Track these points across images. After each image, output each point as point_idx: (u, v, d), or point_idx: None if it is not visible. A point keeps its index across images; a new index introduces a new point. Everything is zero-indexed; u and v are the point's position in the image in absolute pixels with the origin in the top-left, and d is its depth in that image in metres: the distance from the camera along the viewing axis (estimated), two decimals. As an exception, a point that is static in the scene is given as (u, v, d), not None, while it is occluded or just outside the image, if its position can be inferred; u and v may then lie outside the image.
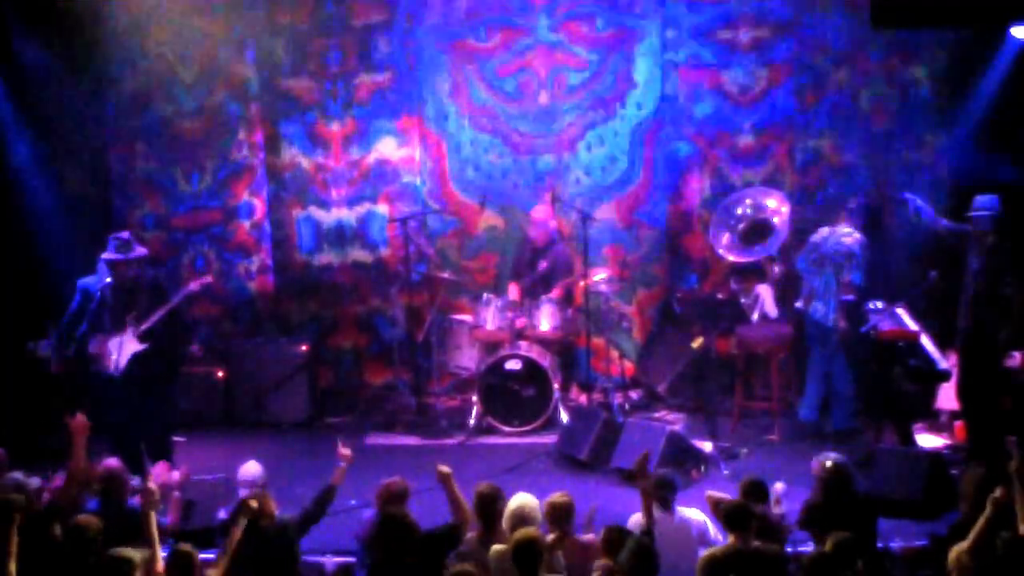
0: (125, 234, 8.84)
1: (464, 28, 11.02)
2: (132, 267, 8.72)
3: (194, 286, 9.03)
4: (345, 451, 7.08)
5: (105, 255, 8.69)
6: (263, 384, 10.70)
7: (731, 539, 6.04)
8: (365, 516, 6.97)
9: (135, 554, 5.75)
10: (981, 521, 5.70)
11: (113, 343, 8.67)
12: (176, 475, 8.17)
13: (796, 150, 10.85)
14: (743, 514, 6.07)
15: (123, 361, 8.66)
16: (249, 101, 11.11)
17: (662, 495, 6.65)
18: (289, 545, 6.53)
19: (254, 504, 6.46)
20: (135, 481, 7.25)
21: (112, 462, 7.10)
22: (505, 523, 6.46)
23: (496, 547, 6.29)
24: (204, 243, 11.31)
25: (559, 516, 6.50)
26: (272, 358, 10.77)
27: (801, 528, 6.78)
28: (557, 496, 6.60)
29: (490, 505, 6.55)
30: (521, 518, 6.38)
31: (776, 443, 9.61)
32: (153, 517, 6.29)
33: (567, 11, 10.95)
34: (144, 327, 8.72)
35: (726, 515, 6.10)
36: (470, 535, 6.59)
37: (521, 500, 6.54)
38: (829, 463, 6.80)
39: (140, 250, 8.86)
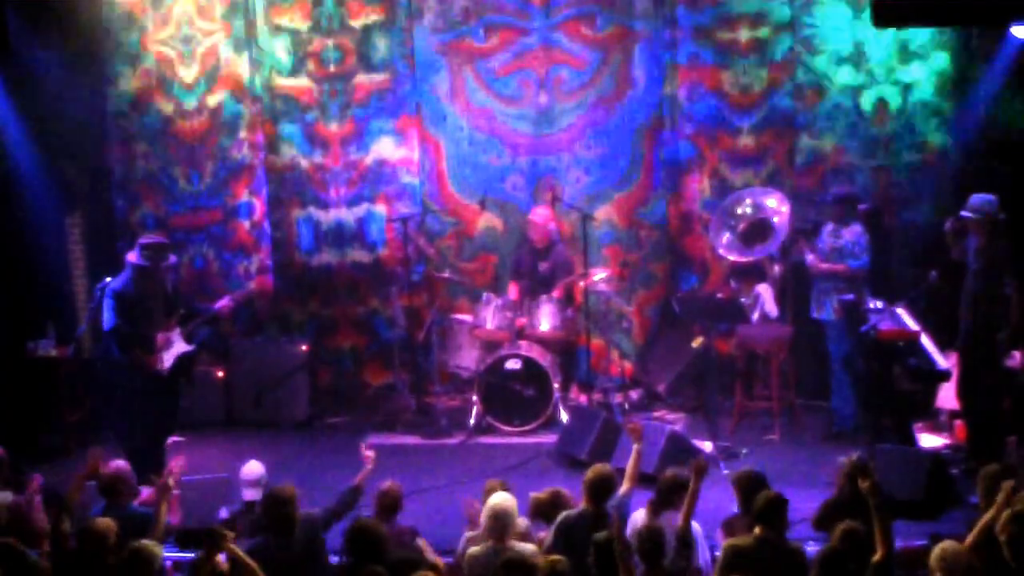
0: (157, 239, 8.88)
1: (462, 28, 11.02)
2: (161, 272, 8.75)
3: (238, 295, 9.53)
4: (369, 452, 7.10)
5: (134, 258, 8.65)
6: (263, 384, 10.69)
7: (757, 530, 5.95)
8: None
9: (158, 549, 5.75)
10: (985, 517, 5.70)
11: (161, 341, 8.70)
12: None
13: (796, 151, 10.85)
14: (776, 506, 6.00)
15: (169, 361, 8.71)
16: (249, 101, 11.11)
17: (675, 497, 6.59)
18: (313, 538, 6.44)
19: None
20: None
21: (120, 464, 7.07)
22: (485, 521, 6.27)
23: (472, 549, 6.19)
24: (204, 243, 11.30)
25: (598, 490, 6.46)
26: (272, 358, 10.77)
27: (816, 528, 6.74)
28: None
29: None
30: (500, 517, 6.18)
31: (776, 443, 9.61)
32: (164, 510, 6.33)
33: (567, 11, 10.95)
34: (190, 327, 8.82)
35: (758, 509, 6.00)
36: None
37: (499, 499, 6.29)
38: (850, 459, 6.74)
39: (171, 259, 8.93)
